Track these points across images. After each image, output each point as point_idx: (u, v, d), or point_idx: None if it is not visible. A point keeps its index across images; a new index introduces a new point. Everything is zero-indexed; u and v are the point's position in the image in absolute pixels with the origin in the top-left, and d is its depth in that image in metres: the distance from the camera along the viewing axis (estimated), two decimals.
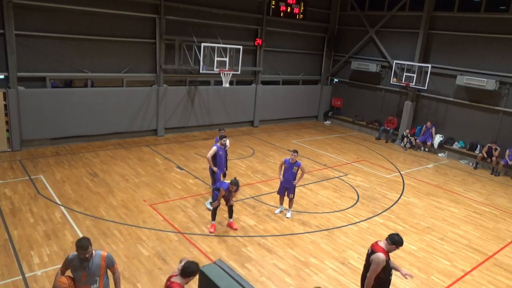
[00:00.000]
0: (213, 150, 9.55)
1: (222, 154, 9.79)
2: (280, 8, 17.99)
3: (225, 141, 9.82)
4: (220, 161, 9.74)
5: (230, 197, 8.70)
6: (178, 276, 4.60)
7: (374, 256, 5.34)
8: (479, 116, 15.96)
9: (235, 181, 8.32)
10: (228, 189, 8.39)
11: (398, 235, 5.52)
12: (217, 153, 9.65)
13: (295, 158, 9.32)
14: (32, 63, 12.74)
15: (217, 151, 9.63)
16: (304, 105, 20.88)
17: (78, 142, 14.05)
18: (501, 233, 9.86)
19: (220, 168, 9.77)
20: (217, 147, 9.64)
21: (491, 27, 15.39)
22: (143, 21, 14.68)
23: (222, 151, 9.74)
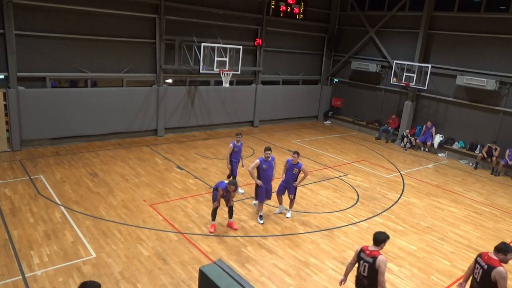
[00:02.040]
0: (255, 163, 8.94)
1: (268, 168, 9.04)
2: (280, 8, 18.00)
3: (269, 154, 8.96)
4: (264, 175, 9.02)
5: (230, 198, 8.60)
6: None
7: (501, 271, 5.10)
8: (479, 116, 15.96)
9: (233, 181, 8.20)
10: (226, 189, 8.24)
11: (504, 243, 5.37)
12: (260, 166, 8.94)
13: (295, 159, 9.18)
14: (32, 63, 12.74)
15: (260, 164, 8.93)
16: (304, 105, 20.88)
17: (78, 142, 14.05)
18: (501, 233, 9.86)
19: (265, 183, 9.05)
20: (260, 160, 8.94)
21: (491, 27, 15.39)
22: (143, 21, 14.68)
23: (266, 164, 9.00)
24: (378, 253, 5.35)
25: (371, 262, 5.31)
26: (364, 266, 5.40)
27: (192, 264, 7.36)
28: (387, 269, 7.73)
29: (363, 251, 5.47)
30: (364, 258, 5.43)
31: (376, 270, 5.25)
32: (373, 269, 5.28)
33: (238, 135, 10.45)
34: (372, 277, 5.31)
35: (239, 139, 10.40)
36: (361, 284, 5.55)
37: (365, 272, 5.40)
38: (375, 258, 5.29)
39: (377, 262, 5.24)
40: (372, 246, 5.47)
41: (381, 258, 5.27)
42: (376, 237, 5.46)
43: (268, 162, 9.00)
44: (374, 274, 5.28)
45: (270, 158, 9.00)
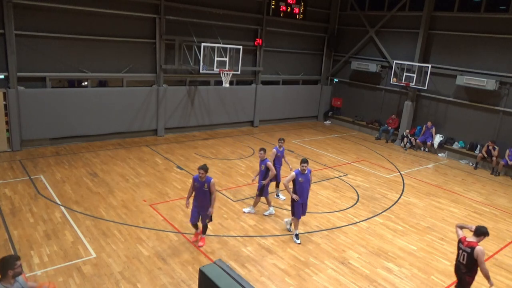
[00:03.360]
0: (291, 176, 8.39)
1: (304, 181, 8.37)
2: (280, 8, 18.00)
3: (305, 166, 8.28)
4: (301, 189, 8.39)
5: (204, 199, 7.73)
6: None
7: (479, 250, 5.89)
8: (479, 116, 15.96)
9: (202, 165, 7.62)
10: (198, 179, 7.61)
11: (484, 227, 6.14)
12: (296, 179, 8.37)
13: (263, 155, 9.49)
14: (32, 63, 12.74)
15: (296, 177, 8.37)
16: (304, 105, 20.88)
17: (78, 142, 14.05)
18: (501, 233, 9.86)
19: (302, 198, 8.44)
20: (296, 173, 8.35)
21: (491, 27, 15.39)
22: (143, 21, 14.68)
23: (302, 177, 8.34)
24: (476, 244, 5.95)
25: (469, 252, 5.95)
26: (463, 255, 6.07)
27: (192, 264, 7.36)
28: (386, 269, 7.76)
29: (461, 242, 6.10)
30: (463, 248, 6.07)
31: (475, 259, 5.91)
32: (471, 258, 5.94)
33: (280, 140, 10.50)
34: (469, 265, 6.01)
35: (281, 144, 10.43)
36: (459, 270, 6.21)
37: (464, 260, 6.07)
38: (473, 248, 5.91)
39: (475, 252, 5.87)
40: (471, 237, 6.06)
41: (478, 248, 5.90)
42: (477, 229, 6.09)
43: (304, 175, 8.34)
44: (471, 263, 5.97)
45: (307, 171, 8.36)
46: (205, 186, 7.60)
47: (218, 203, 10.07)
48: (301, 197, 8.36)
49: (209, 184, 7.62)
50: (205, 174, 7.55)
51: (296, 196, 8.33)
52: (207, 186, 7.60)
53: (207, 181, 7.61)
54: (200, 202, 7.76)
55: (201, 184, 7.61)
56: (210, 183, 7.61)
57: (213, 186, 7.67)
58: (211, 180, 7.63)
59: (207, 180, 7.62)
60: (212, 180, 7.62)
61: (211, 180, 7.63)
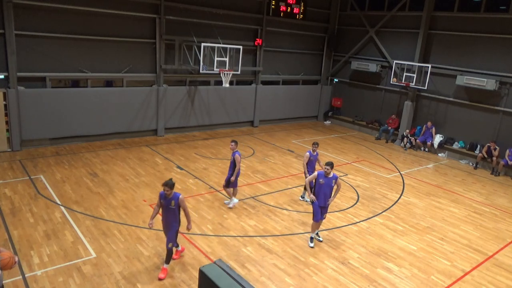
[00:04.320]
0: (313, 175, 8.33)
1: (324, 184, 8.16)
2: (280, 8, 18.00)
3: (328, 169, 8.06)
4: (319, 191, 8.21)
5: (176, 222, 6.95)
6: None
7: None
8: (479, 116, 15.96)
9: (167, 181, 6.81)
10: (164, 196, 6.83)
11: None
12: (317, 179, 8.20)
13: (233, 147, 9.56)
14: (32, 63, 12.74)
15: (317, 177, 8.22)
16: (304, 105, 20.88)
17: (78, 142, 14.06)
18: (501, 233, 9.86)
19: (319, 200, 8.24)
20: (318, 173, 8.21)
21: (491, 27, 15.39)
22: (143, 21, 14.68)
23: (324, 179, 8.15)
24: None
25: None
26: None
27: (192, 264, 7.36)
28: (386, 269, 7.76)
29: None
30: None
31: None
32: None
33: (314, 144, 10.39)
34: None
35: (315, 149, 10.33)
36: None
37: None
38: None
39: None
40: None
41: None
42: None
43: (327, 178, 8.10)
44: None
45: (331, 175, 8.10)
46: (172, 204, 6.80)
47: (218, 203, 10.08)
48: (317, 198, 8.18)
49: (177, 201, 6.81)
50: (171, 191, 6.72)
51: (313, 197, 8.21)
52: (174, 204, 6.80)
53: (174, 197, 6.80)
54: (166, 220, 6.98)
55: (167, 201, 6.81)
56: (179, 200, 6.81)
57: (183, 203, 6.87)
58: (179, 197, 6.81)
59: (175, 196, 6.80)
60: (180, 196, 6.82)
61: (179, 196, 6.82)
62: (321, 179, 8.13)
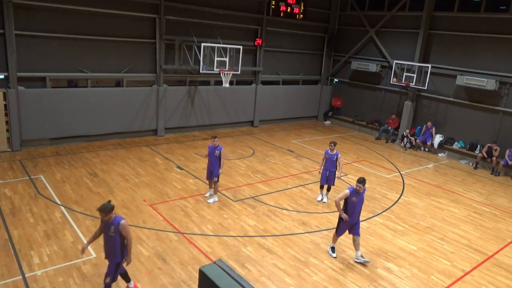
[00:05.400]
0: (344, 194, 7.73)
1: (357, 202, 7.74)
2: (280, 8, 18.00)
3: (360, 187, 7.61)
4: (352, 209, 7.74)
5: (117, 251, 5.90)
6: None
7: None
8: (479, 116, 15.96)
9: (104, 204, 5.75)
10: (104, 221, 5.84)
11: None
12: (349, 198, 7.71)
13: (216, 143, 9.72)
14: (32, 63, 12.74)
15: (349, 195, 7.69)
16: (304, 105, 20.88)
17: (78, 142, 14.05)
18: (501, 233, 9.86)
19: (353, 218, 7.80)
20: (350, 191, 7.69)
21: (491, 27, 15.39)
22: (143, 21, 14.68)
23: (356, 197, 7.69)
24: None
25: None
26: None
27: (192, 264, 7.36)
28: (386, 269, 7.76)
29: None
30: None
31: None
32: None
33: (331, 143, 10.54)
34: None
35: (332, 148, 10.46)
36: None
37: None
38: None
39: None
40: None
41: None
42: None
43: (359, 195, 7.71)
44: None
45: (362, 190, 7.75)
46: (111, 230, 5.75)
47: (219, 203, 10.08)
48: (351, 216, 7.76)
49: (117, 227, 5.74)
50: (108, 216, 5.69)
51: (346, 215, 7.74)
52: (113, 230, 5.74)
53: (114, 223, 5.74)
54: (107, 248, 5.94)
55: (107, 226, 5.79)
56: (120, 226, 5.73)
57: (125, 230, 5.76)
58: (121, 222, 5.74)
59: (115, 221, 5.74)
60: (122, 222, 5.75)
61: (121, 221, 5.75)
62: (354, 197, 7.65)
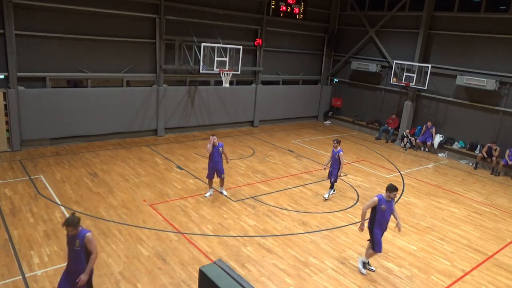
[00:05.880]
0: (372, 201, 7.26)
1: (387, 210, 7.22)
2: (280, 8, 18.00)
3: (395, 195, 7.16)
4: (382, 218, 7.25)
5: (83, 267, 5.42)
6: None
7: None
8: (479, 116, 15.96)
9: (70, 217, 5.40)
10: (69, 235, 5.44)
11: None
12: (378, 206, 7.19)
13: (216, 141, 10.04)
14: (32, 63, 12.74)
15: (377, 203, 7.18)
16: (304, 105, 20.88)
17: (78, 142, 14.05)
18: (501, 233, 9.86)
19: (383, 228, 7.37)
20: (379, 198, 7.17)
21: (491, 27, 15.39)
22: (143, 21, 14.68)
23: (386, 204, 7.19)
24: None
25: None
26: None
27: (192, 264, 7.36)
28: (386, 269, 7.76)
29: None
30: None
31: None
32: None
33: (334, 141, 10.89)
34: None
35: (335, 145, 10.77)
36: None
37: None
38: None
39: None
40: None
41: None
42: None
43: (388, 203, 7.24)
44: None
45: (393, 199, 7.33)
46: (77, 244, 5.34)
47: (218, 203, 10.08)
48: (381, 227, 7.30)
49: (82, 240, 5.35)
50: (76, 230, 5.33)
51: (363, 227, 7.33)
52: (79, 244, 5.34)
53: (80, 236, 5.36)
54: (72, 265, 5.48)
55: (72, 241, 5.40)
56: (85, 239, 5.35)
57: (91, 243, 5.39)
58: (86, 234, 5.38)
59: (80, 234, 5.37)
60: (88, 234, 5.38)
61: (86, 234, 5.38)
62: (383, 205, 7.16)
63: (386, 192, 7.16)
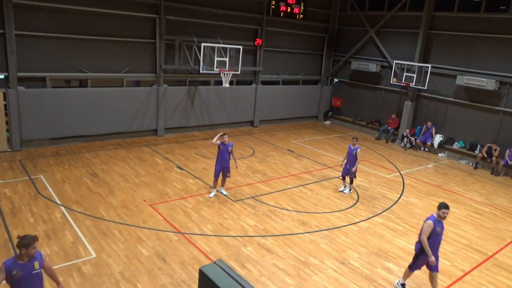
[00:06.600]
0: (428, 226, 6.59)
1: (441, 231, 6.71)
2: (280, 8, 18.00)
3: (445, 213, 6.69)
4: (437, 241, 6.71)
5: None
6: None
7: None
8: (479, 116, 15.95)
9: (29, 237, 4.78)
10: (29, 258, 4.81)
11: None
12: (433, 229, 6.60)
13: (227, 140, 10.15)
14: (32, 63, 12.74)
15: (433, 226, 6.60)
16: (304, 105, 20.88)
17: (78, 142, 14.05)
18: (501, 233, 9.86)
19: (435, 252, 6.76)
20: (433, 221, 6.61)
21: (491, 27, 15.39)
22: (143, 21, 14.68)
23: (439, 226, 6.68)
24: None
25: None
26: None
27: (192, 264, 7.36)
28: (386, 269, 7.76)
29: None
30: None
31: None
32: None
33: (353, 138, 11.21)
34: None
35: (354, 142, 11.11)
36: None
37: None
38: None
39: None
40: None
41: None
42: None
43: (441, 223, 6.72)
44: None
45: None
46: (36, 266, 4.81)
47: (218, 203, 10.08)
48: (435, 251, 6.70)
49: (40, 259, 4.88)
50: (30, 252, 4.72)
51: (433, 259, 6.64)
52: (38, 266, 4.83)
53: (38, 256, 4.86)
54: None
55: (30, 263, 4.79)
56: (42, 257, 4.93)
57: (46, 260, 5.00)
58: (41, 252, 4.96)
59: (37, 254, 4.87)
60: (41, 252, 4.97)
61: (40, 252, 4.95)
62: (438, 227, 6.64)
63: (437, 211, 6.68)
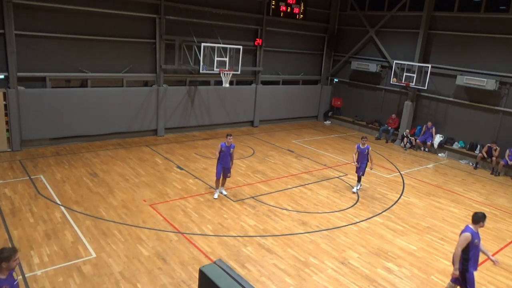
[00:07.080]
0: (465, 239, 6.28)
1: (479, 243, 6.41)
2: (280, 8, 18.01)
3: (482, 225, 6.42)
4: (477, 253, 6.43)
5: None
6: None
7: None
8: (479, 116, 15.95)
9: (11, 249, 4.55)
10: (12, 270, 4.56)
11: None
12: (472, 242, 6.28)
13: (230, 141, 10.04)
14: (32, 63, 12.74)
15: (471, 239, 6.27)
16: (304, 105, 20.88)
17: (78, 142, 14.05)
18: (501, 233, 9.86)
19: (476, 265, 6.50)
20: (471, 233, 6.28)
21: (491, 27, 15.39)
22: (143, 21, 14.68)
23: (477, 238, 6.36)
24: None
25: None
26: None
27: (192, 264, 7.36)
28: (386, 269, 7.77)
29: None
30: None
31: None
32: None
33: (363, 138, 11.46)
34: None
35: (364, 142, 11.35)
36: None
37: None
38: None
39: None
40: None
41: None
42: None
43: (478, 234, 6.43)
44: None
45: None
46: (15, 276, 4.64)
47: (218, 203, 10.08)
48: (475, 265, 6.44)
49: None
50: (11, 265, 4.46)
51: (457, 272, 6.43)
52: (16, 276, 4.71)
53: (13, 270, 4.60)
54: None
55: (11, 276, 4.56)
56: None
57: None
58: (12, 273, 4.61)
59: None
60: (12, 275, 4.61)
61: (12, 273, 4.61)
62: (476, 239, 6.32)
63: (474, 224, 6.37)
